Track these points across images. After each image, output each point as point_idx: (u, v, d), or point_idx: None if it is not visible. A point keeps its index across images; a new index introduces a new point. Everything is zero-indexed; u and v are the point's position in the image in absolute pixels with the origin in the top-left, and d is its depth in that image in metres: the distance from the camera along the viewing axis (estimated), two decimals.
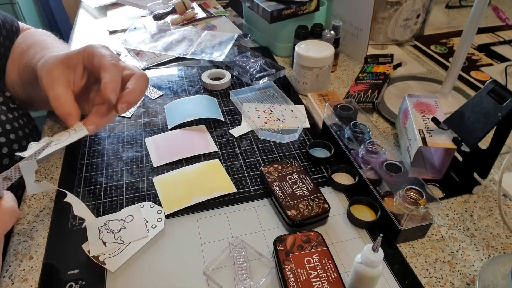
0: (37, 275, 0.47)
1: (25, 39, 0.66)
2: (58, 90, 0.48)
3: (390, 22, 0.95)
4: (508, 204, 0.58)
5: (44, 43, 0.63)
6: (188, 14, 1.04)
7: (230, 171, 0.62)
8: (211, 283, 0.46)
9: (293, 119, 0.72)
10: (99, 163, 0.63)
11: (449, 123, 0.57)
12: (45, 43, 0.63)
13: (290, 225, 0.51)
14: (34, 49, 0.60)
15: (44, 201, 0.56)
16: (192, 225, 0.53)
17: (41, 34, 0.68)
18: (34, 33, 0.68)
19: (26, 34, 0.68)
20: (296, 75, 0.80)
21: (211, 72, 0.84)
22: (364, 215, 0.53)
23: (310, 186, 0.55)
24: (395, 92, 0.82)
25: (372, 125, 0.62)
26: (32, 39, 0.65)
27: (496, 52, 1.01)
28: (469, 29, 0.67)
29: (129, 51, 0.94)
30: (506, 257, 0.46)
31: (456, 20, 1.19)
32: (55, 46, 0.63)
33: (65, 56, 0.51)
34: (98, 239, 0.50)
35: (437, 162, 0.62)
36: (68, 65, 0.50)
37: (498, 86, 0.53)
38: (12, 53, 0.64)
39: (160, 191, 0.57)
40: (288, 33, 0.91)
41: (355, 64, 0.94)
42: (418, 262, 0.49)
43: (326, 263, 0.44)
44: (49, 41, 0.64)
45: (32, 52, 0.59)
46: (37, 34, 0.67)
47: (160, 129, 0.70)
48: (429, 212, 0.49)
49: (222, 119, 0.72)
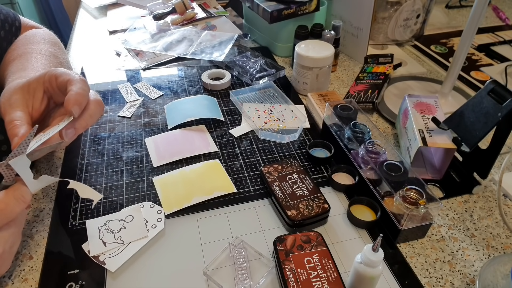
0: (37, 275, 0.47)
1: (18, 45, 0.64)
2: (14, 114, 0.47)
3: (390, 22, 0.95)
4: (508, 204, 0.58)
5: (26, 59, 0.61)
6: (188, 14, 1.04)
7: (230, 171, 0.62)
8: (211, 283, 0.46)
9: (293, 119, 0.72)
10: (99, 163, 0.63)
11: (449, 123, 0.57)
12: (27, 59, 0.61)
13: (290, 225, 0.51)
14: (15, 66, 0.59)
15: (44, 201, 0.56)
16: (192, 225, 0.53)
17: (35, 42, 0.66)
18: (29, 39, 0.66)
19: (23, 38, 0.66)
20: (296, 75, 0.80)
21: (211, 72, 0.84)
22: (364, 215, 0.53)
23: (310, 186, 0.55)
24: (395, 92, 0.82)
25: (372, 125, 0.62)
26: (22, 48, 0.64)
27: (496, 52, 1.01)
28: (469, 29, 0.67)
29: (129, 51, 0.94)
30: (506, 257, 0.46)
31: (456, 20, 1.19)
32: (31, 67, 0.60)
33: (25, 82, 0.51)
34: (98, 239, 0.50)
35: (437, 162, 0.62)
36: (28, 90, 0.50)
37: (498, 86, 0.53)
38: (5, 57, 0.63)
39: (160, 191, 0.57)
40: (288, 33, 0.91)
41: (355, 64, 0.94)
42: (418, 262, 0.49)
43: (326, 263, 0.44)
44: (34, 56, 0.62)
45: (12, 69, 0.58)
46: (31, 41, 0.66)
47: (160, 129, 0.70)
48: (429, 212, 0.49)
49: (222, 119, 0.72)
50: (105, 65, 0.90)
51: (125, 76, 0.86)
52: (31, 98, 0.50)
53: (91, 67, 0.90)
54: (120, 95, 0.79)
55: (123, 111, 0.74)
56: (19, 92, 0.50)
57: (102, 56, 0.94)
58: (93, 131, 0.69)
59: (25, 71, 0.57)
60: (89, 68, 0.89)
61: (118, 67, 0.89)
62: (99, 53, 0.96)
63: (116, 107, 0.76)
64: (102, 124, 0.71)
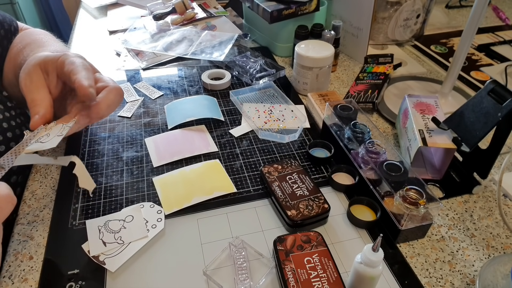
0: (37, 275, 0.47)
1: (22, 38, 0.65)
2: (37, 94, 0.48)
3: (390, 22, 0.95)
4: (508, 204, 0.58)
5: (40, 41, 0.62)
6: (188, 14, 1.04)
7: (230, 171, 0.62)
8: (211, 283, 0.46)
9: (293, 119, 0.72)
10: (99, 163, 0.63)
11: (449, 123, 0.57)
12: (41, 41, 0.62)
13: (290, 225, 0.51)
14: (30, 48, 0.59)
15: (44, 201, 0.56)
16: (192, 225, 0.53)
17: (39, 33, 0.67)
18: (32, 32, 0.68)
19: (24, 33, 0.67)
20: (296, 75, 0.80)
21: (211, 72, 0.84)
22: (364, 215, 0.53)
23: (310, 186, 0.55)
24: (395, 92, 0.82)
25: (372, 125, 0.62)
26: (29, 38, 0.64)
27: (496, 52, 1.01)
28: (469, 29, 0.67)
29: (129, 51, 0.94)
30: (506, 257, 0.46)
31: (456, 20, 1.19)
32: (51, 44, 0.62)
33: (43, 59, 0.50)
34: (98, 239, 0.50)
35: (437, 162, 0.62)
36: (45, 69, 0.50)
37: (498, 86, 0.53)
38: (9, 52, 0.64)
39: (160, 191, 0.57)
40: (288, 33, 0.91)
41: (355, 64, 0.94)
42: (418, 262, 0.49)
43: (326, 263, 0.44)
44: (46, 40, 0.63)
45: (27, 50, 0.59)
46: (34, 33, 0.67)
47: (160, 129, 0.70)
48: (429, 212, 0.49)
49: (222, 119, 0.72)
50: (105, 65, 0.90)
51: (125, 76, 0.86)
52: (47, 78, 0.50)
53: None
54: None
55: (123, 111, 0.74)
56: (38, 70, 0.50)
57: (102, 56, 0.94)
58: (93, 131, 0.69)
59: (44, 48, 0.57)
60: None
61: (118, 67, 0.89)
62: (99, 53, 0.96)
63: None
64: (102, 124, 0.71)
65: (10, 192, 0.42)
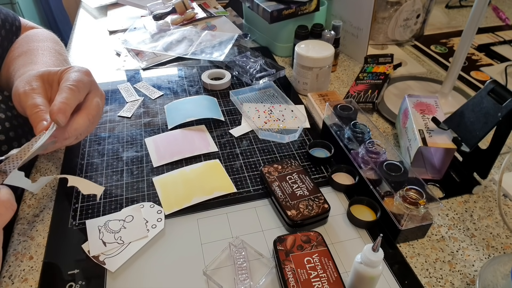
0: (37, 275, 0.47)
1: (21, 43, 0.65)
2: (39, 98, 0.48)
3: (390, 22, 0.95)
4: (508, 204, 0.58)
5: (33, 54, 0.61)
6: (188, 14, 1.04)
7: (230, 171, 0.62)
8: (211, 283, 0.46)
9: (293, 119, 0.72)
10: (99, 163, 0.63)
11: (449, 123, 0.57)
12: (34, 55, 0.61)
13: (290, 225, 0.51)
14: (22, 60, 0.59)
15: (44, 201, 0.56)
16: (192, 225, 0.53)
17: (39, 40, 0.66)
18: (32, 37, 0.67)
19: (25, 37, 0.67)
20: (296, 75, 0.80)
21: (211, 72, 0.84)
22: (364, 215, 0.53)
23: (310, 186, 0.55)
24: (395, 92, 0.82)
25: (372, 125, 0.62)
26: (26, 45, 0.64)
27: (496, 52, 1.01)
28: (469, 29, 0.67)
29: (129, 51, 0.94)
30: (506, 257, 0.46)
31: (456, 20, 1.19)
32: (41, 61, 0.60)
33: (44, 71, 0.51)
34: (98, 239, 0.50)
35: (437, 162, 0.62)
36: (47, 80, 0.51)
37: (498, 86, 0.53)
38: (7, 55, 0.63)
39: (160, 191, 0.57)
40: (288, 33, 0.91)
41: (355, 64, 0.94)
42: (418, 262, 0.49)
43: (326, 263, 0.44)
44: (41, 53, 0.63)
45: (19, 63, 0.59)
46: (34, 39, 0.66)
47: (160, 129, 0.70)
48: (429, 212, 0.49)
49: (222, 119, 0.72)
50: (105, 65, 0.90)
51: (125, 76, 0.86)
52: (49, 89, 0.51)
53: (91, 67, 0.88)
54: (120, 95, 0.79)
55: (123, 111, 0.74)
56: (39, 79, 0.51)
57: (102, 56, 0.94)
58: (93, 131, 0.69)
59: (35, 65, 0.58)
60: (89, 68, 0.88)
61: (118, 67, 0.89)
62: (99, 53, 0.96)
63: (116, 107, 0.76)
64: (102, 124, 0.71)
65: (11, 198, 0.42)
